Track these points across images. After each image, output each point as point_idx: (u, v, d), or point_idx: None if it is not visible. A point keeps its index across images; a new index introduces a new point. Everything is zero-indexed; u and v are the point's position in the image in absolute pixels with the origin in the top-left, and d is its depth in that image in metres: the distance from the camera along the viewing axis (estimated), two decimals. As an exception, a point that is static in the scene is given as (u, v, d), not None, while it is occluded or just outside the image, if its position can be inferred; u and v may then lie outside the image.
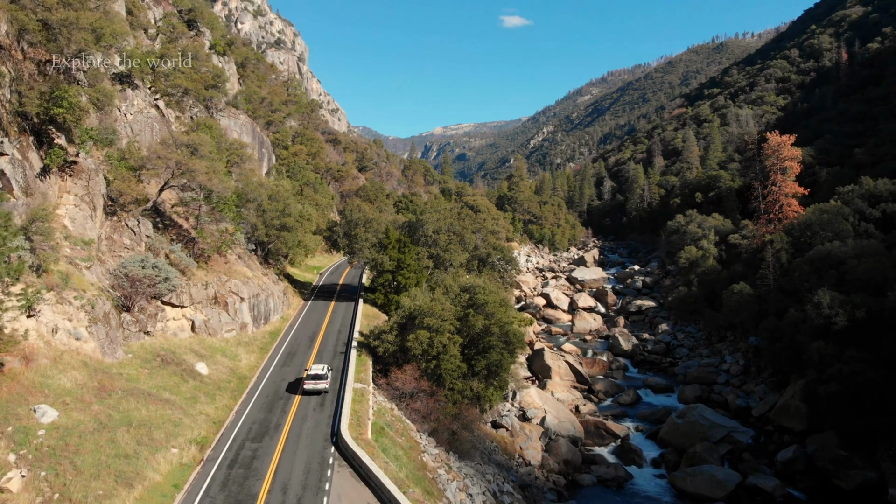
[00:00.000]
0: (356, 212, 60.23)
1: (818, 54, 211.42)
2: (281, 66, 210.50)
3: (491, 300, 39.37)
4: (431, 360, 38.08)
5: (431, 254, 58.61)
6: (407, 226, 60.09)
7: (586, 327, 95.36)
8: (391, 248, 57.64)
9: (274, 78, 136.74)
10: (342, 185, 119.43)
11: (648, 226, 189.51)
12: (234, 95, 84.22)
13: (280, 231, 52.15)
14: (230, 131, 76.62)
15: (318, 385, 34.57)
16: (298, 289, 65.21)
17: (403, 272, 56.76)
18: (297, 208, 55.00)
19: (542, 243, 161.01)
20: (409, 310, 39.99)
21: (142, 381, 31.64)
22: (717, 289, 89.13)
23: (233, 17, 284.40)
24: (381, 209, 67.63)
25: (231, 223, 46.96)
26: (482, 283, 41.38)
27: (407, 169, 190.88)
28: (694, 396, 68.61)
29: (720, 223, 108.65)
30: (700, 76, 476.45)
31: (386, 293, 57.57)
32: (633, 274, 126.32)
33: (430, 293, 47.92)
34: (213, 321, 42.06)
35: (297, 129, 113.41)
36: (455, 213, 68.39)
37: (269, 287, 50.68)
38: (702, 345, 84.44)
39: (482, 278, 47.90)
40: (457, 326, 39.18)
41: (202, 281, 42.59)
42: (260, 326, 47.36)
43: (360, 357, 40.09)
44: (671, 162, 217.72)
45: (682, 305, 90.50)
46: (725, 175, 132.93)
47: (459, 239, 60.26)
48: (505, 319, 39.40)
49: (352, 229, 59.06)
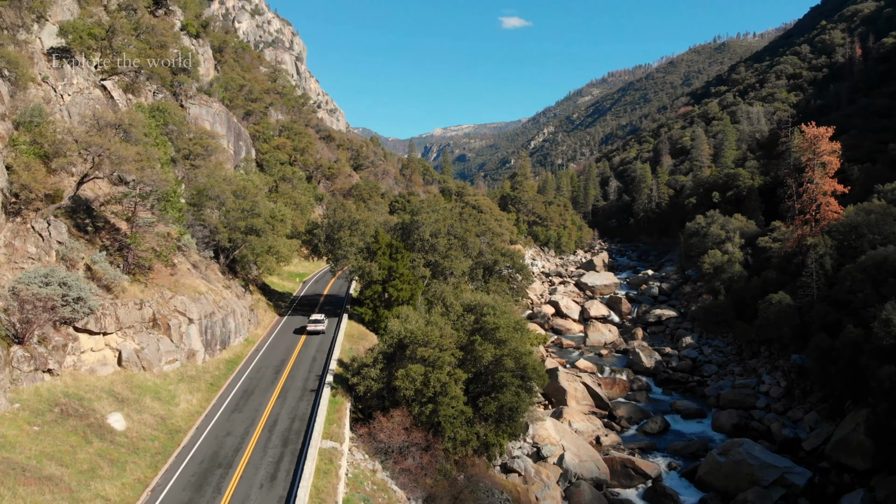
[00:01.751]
0: (340, 211, 51.16)
1: (830, 50, 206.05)
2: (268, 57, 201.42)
3: (503, 324, 30.44)
4: (427, 404, 29.13)
5: (428, 261, 49.72)
6: (400, 228, 51.19)
7: (600, 339, 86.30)
8: (381, 254, 48.66)
9: (263, 70, 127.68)
10: (334, 183, 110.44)
11: (657, 227, 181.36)
12: (210, 82, 75.17)
13: (246, 235, 43.21)
14: (201, 120, 67.64)
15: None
16: (274, 301, 56.14)
17: (395, 283, 47.77)
18: (267, 207, 46.02)
19: (547, 246, 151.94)
20: (397, 336, 31.07)
21: (22, 445, 22.63)
22: (746, 298, 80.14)
23: (230, 15, 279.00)
24: (370, 208, 58.68)
25: (178, 226, 38.07)
26: (491, 300, 32.45)
27: (405, 168, 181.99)
28: (731, 424, 59.61)
29: (743, 224, 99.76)
30: (702, 76, 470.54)
31: (375, 308, 48.56)
32: (646, 279, 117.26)
33: (427, 311, 38.87)
34: (148, 350, 32.99)
35: (284, 122, 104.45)
36: (456, 214, 59.40)
37: (231, 303, 41.62)
38: (732, 361, 75.40)
39: (491, 294, 39.00)
40: (459, 358, 30.26)
41: (136, 299, 33.53)
42: (215, 353, 38.29)
43: (335, 399, 31.07)
44: (679, 161, 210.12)
45: (708, 316, 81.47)
46: (744, 173, 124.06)
47: (461, 243, 51.27)
48: (521, 349, 30.47)
49: (335, 232, 50.05)
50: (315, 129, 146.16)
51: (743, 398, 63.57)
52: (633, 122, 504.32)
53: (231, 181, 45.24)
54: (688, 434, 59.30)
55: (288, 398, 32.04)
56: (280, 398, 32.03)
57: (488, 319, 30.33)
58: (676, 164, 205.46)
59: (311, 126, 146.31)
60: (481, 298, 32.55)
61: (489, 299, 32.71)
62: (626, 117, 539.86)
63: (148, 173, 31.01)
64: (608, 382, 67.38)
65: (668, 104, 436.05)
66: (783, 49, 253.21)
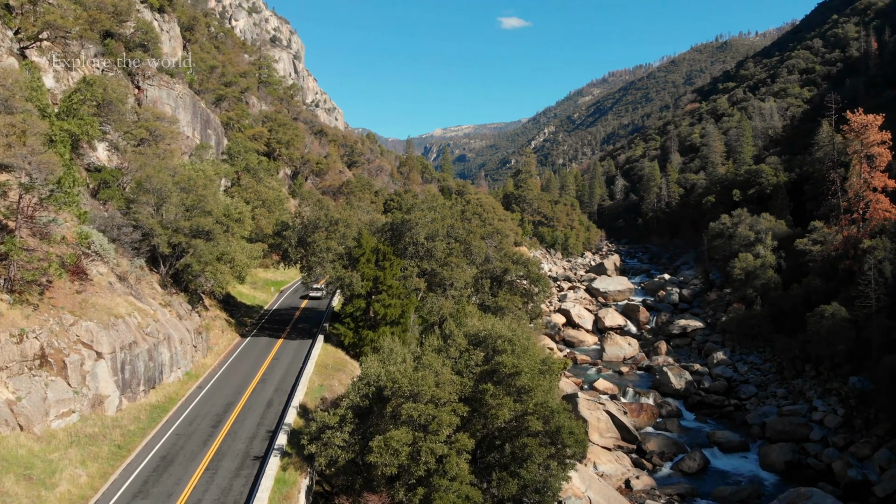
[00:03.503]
0: (316, 209, 41.61)
1: (844, 44, 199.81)
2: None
3: (525, 366, 21.16)
4: (416, 487, 19.83)
5: (424, 270, 40.43)
6: (389, 229, 41.90)
7: (619, 354, 76.87)
8: (364, 261, 39.27)
9: (247, 58, 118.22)
10: (323, 180, 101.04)
11: (668, 228, 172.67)
12: (176, 63, 65.78)
13: (192, 238, 33.85)
14: (161, 104, 58.28)
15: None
16: (238, 318, 46.69)
17: (382, 297, 38.36)
18: (221, 204, 36.63)
19: (553, 248, 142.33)
20: (375, 383, 21.78)
21: None
22: (786, 308, 70.81)
23: (227, 13, 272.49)
24: (353, 205, 49.30)
25: (83, 226, 28.75)
26: (506, 328, 23.10)
27: (402, 165, 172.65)
28: (783, 462, 50.25)
29: (773, 225, 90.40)
30: (704, 75, 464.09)
31: (356, 328, 39.12)
32: (663, 284, 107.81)
33: (421, 336, 29.43)
34: (29, 401, 23.59)
35: (267, 112, 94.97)
36: (457, 212, 49.86)
37: (166, 327, 32.17)
38: (772, 381, 65.99)
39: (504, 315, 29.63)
40: (463, 415, 21.00)
41: (14, 328, 24.16)
42: (136, 397, 28.83)
43: (285, 475, 21.66)
44: (689, 158, 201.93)
45: (742, 328, 72.05)
46: (767, 169, 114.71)
47: (464, 248, 41.92)
48: (552, 403, 21.12)
49: (309, 234, 40.64)
50: (307, 123, 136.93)
51: (793, 429, 54.29)
52: (634, 121, 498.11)
53: (177, 171, 35.90)
54: (732, 473, 49.95)
55: (220, 471, 22.58)
56: (209, 472, 22.54)
57: (505, 360, 21.06)
58: (686, 162, 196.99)
59: (302, 120, 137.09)
60: (493, 326, 23.24)
61: (503, 326, 23.41)
62: (628, 117, 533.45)
63: (18, 153, 21.65)
64: (634, 409, 57.96)
65: (670, 103, 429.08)
66: (793, 44, 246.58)
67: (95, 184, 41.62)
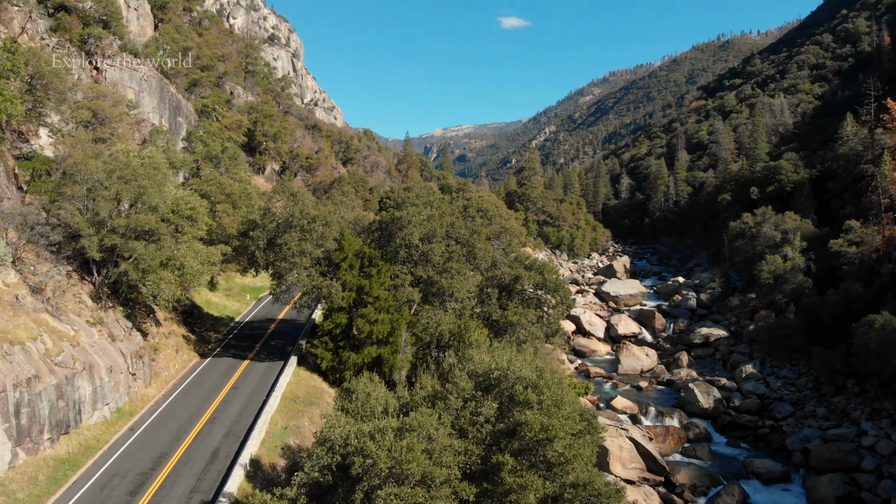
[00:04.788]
0: (291, 204, 34.60)
1: (855, 39, 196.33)
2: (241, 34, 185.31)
3: (559, 427, 14.31)
4: None
5: (419, 277, 33.65)
6: (378, 229, 35.05)
7: (636, 366, 70.01)
8: (347, 267, 32.49)
9: (234, 46, 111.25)
10: (314, 176, 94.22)
11: (676, 227, 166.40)
12: (145, 44, 58.94)
13: (130, 239, 27.05)
14: (122, 87, 51.50)
15: None
16: (201, 333, 39.88)
17: (368, 311, 31.56)
18: (170, 198, 29.71)
19: (559, 248, 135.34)
20: (340, 449, 14.96)
21: None
22: (823, 315, 64.01)
23: (224, 11, 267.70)
24: (337, 200, 42.35)
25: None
26: (529, 366, 16.27)
27: (401, 163, 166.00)
28: (835, 497, 43.48)
29: (798, 224, 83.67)
30: (707, 74, 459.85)
31: (336, 349, 32.31)
32: (678, 288, 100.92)
33: (407, 384, 22.74)
34: None
35: (253, 103, 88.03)
36: (458, 209, 42.76)
37: (89, 353, 25.36)
38: (810, 398, 59.18)
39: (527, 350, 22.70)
40: (469, 499, 14.26)
41: None
42: (40, 448, 22.03)
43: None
44: (697, 156, 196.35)
45: (773, 338, 65.18)
46: (787, 165, 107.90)
47: (467, 251, 35.05)
48: (598, 482, 14.32)
49: (279, 234, 33.73)
50: (302, 119, 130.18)
51: (841, 456, 47.51)
52: (636, 120, 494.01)
53: (115, 158, 29.12)
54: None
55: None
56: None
57: (529, 419, 14.24)
58: (694, 160, 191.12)
59: (295, 114, 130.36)
60: (510, 363, 16.37)
61: (524, 364, 16.57)
62: (630, 116, 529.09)
63: None
64: (659, 433, 51.11)
65: (672, 102, 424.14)
66: (801, 39, 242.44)
67: (26, 174, 34.77)
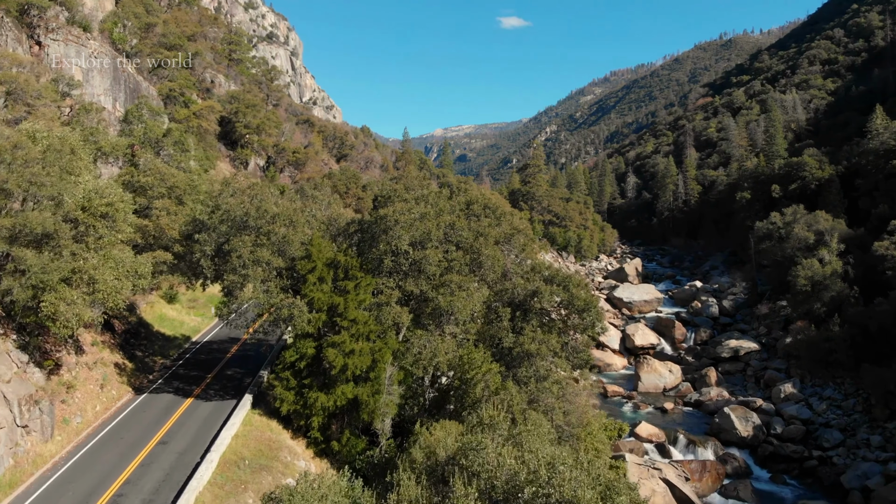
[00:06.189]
0: (246, 201, 26.99)
1: (868, 34, 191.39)
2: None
3: None
4: None
5: (409, 293, 26.17)
6: (357, 231, 27.63)
7: (658, 383, 62.52)
8: (315, 280, 25.09)
9: (218, 31, 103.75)
10: (302, 172, 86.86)
11: (686, 228, 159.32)
12: (102, 20, 51.46)
13: (13, 245, 19.72)
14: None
15: None
16: (144, 358, 32.43)
17: (342, 338, 24.13)
18: (80, 190, 22.33)
19: (566, 250, 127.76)
20: None
21: None
22: (871, 328, 56.70)
23: (222, 9, 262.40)
24: (308, 194, 34.83)
25: None
26: (586, 472, 9.27)
27: (399, 160, 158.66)
28: (913, 552, 36.10)
29: (832, 224, 76.21)
30: (709, 72, 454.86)
31: (300, 387, 24.86)
32: (695, 293, 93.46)
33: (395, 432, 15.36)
34: None
35: (234, 92, 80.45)
36: (460, 206, 35.13)
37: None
38: (861, 423, 51.69)
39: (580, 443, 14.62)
40: None
41: None
42: None
43: None
44: (706, 154, 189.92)
45: (813, 353, 57.77)
46: (812, 161, 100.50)
47: (470, 259, 27.50)
48: None
49: (230, 238, 26.27)
50: (296, 116, 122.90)
51: (913, 499, 40.02)
52: (639, 119, 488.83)
53: (5, 136, 21.73)
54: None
55: None
56: None
57: None
58: (703, 158, 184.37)
59: (286, 107, 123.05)
60: (553, 472, 9.24)
61: (575, 467, 9.41)
62: (632, 115, 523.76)
63: None
64: (695, 469, 43.60)
65: (675, 101, 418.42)
66: (810, 35, 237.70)
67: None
